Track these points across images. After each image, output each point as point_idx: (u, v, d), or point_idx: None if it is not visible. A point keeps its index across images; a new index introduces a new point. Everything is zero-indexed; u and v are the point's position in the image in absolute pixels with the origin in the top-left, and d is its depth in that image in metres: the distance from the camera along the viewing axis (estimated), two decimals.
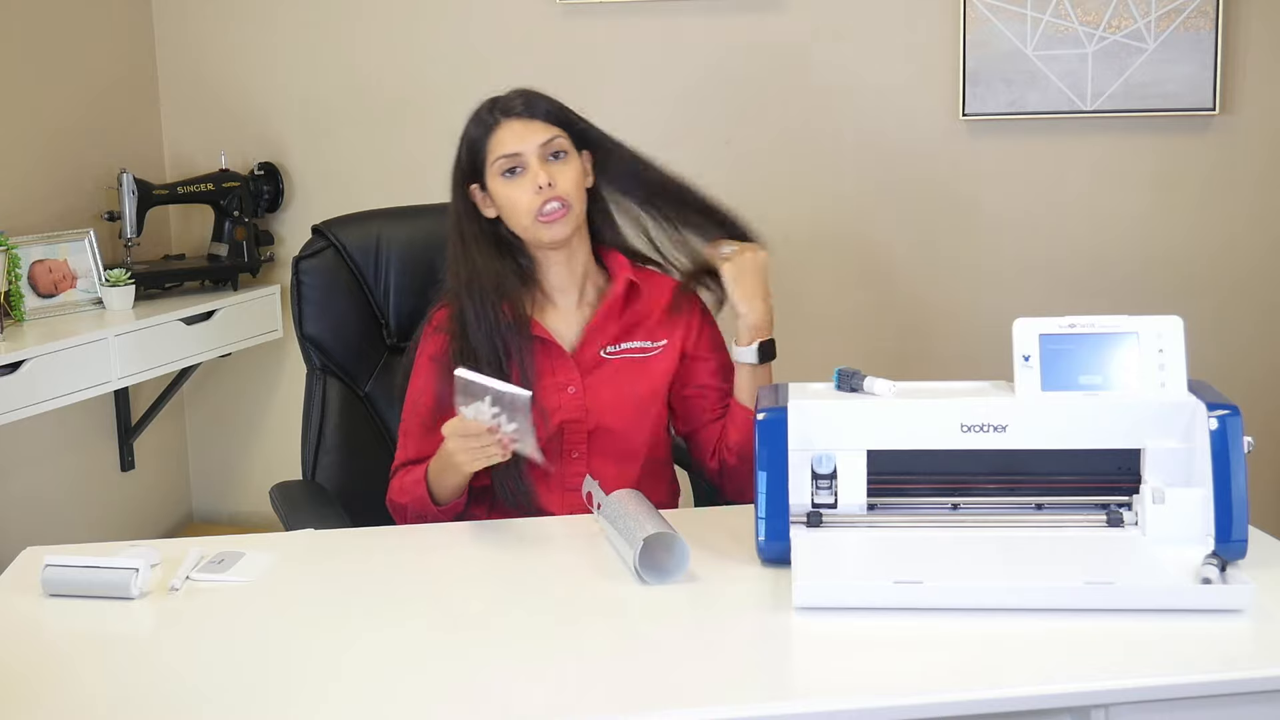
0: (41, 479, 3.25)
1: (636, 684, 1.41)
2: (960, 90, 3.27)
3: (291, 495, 2.20)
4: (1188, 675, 1.40)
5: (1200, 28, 3.16)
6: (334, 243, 2.30)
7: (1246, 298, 3.31)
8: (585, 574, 1.71)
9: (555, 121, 2.05)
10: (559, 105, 2.08)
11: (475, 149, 2.05)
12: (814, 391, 1.76)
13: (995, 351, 1.92)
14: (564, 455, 2.05)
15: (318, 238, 2.32)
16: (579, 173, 2.06)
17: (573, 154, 2.06)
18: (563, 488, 2.04)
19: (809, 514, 1.72)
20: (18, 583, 1.73)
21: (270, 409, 3.72)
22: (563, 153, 2.04)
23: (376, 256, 2.31)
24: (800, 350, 3.44)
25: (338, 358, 2.28)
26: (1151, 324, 1.71)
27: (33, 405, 2.77)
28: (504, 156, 2.01)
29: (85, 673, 1.49)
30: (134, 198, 3.27)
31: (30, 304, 3.08)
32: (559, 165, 2.03)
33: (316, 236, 2.32)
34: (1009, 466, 1.73)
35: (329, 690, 1.42)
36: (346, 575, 1.78)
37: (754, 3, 3.34)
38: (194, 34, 3.59)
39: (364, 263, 2.31)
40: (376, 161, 3.52)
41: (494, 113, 2.05)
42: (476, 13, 3.46)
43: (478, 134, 2.05)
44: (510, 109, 2.04)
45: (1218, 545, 1.62)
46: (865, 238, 3.40)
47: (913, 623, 1.51)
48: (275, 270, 3.61)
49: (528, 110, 2.04)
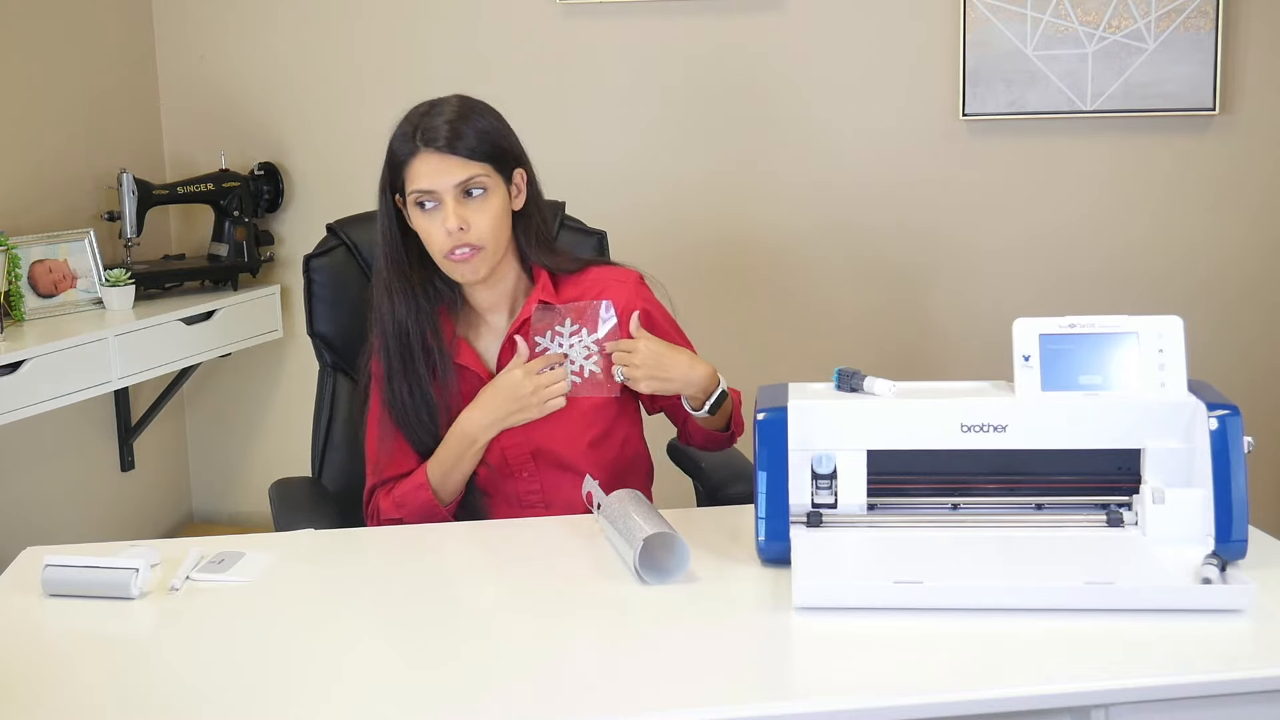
0: (41, 479, 3.25)
1: (636, 684, 1.41)
2: (960, 90, 3.27)
3: (288, 494, 2.20)
4: (1188, 675, 1.40)
5: (1200, 28, 3.16)
6: (345, 241, 2.29)
7: (1247, 297, 3.31)
8: (585, 574, 1.71)
9: (480, 155, 1.93)
10: (489, 131, 1.96)
11: (394, 167, 1.97)
12: (814, 391, 1.76)
13: (995, 351, 1.93)
14: (513, 475, 2.04)
15: (330, 236, 2.32)
16: (498, 211, 1.95)
17: (494, 189, 1.95)
18: (519, 504, 2.04)
19: (809, 514, 1.71)
20: (18, 583, 1.73)
21: (270, 409, 3.72)
22: (481, 190, 1.93)
23: None
24: (800, 350, 3.46)
25: (348, 356, 2.27)
26: (1151, 324, 1.71)
27: (33, 405, 2.77)
28: (418, 190, 1.94)
29: (85, 673, 1.49)
30: (134, 198, 3.27)
31: (30, 304, 3.08)
32: (475, 203, 1.93)
33: (329, 235, 2.32)
34: (1009, 466, 1.72)
35: (329, 690, 1.42)
36: (346, 575, 1.78)
37: (754, 3, 3.34)
38: (194, 34, 3.59)
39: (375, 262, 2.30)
40: (377, 161, 3.50)
41: (415, 138, 1.93)
42: (477, 13, 3.46)
43: (400, 154, 1.96)
44: (433, 139, 1.92)
45: (1218, 545, 1.62)
46: (865, 238, 3.40)
47: (913, 623, 1.51)
48: (275, 270, 3.61)
49: (449, 145, 1.92)
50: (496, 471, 2.02)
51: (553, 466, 2.03)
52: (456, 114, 1.95)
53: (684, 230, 3.43)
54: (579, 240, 2.33)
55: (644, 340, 1.96)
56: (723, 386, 1.99)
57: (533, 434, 2.01)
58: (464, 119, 1.95)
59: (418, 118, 1.96)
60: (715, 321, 2.04)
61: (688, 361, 1.96)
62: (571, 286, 2.05)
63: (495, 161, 1.96)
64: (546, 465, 2.03)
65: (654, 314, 2.07)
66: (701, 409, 1.99)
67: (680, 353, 1.98)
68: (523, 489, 2.04)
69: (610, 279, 2.07)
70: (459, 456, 1.99)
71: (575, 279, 2.06)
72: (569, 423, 2.01)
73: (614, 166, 3.44)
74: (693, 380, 1.96)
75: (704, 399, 1.98)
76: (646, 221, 3.34)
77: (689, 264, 3.39)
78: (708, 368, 1.97)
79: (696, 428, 2.08)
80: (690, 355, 1.99)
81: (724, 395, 1.99)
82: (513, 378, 1.97)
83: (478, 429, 1.98)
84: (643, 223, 3.30)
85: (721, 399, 1.99)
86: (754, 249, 3.43)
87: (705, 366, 1.97)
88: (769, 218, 3.43)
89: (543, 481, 2.03)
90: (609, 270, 2.09)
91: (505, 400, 1.97)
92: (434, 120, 1.94)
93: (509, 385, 1.97)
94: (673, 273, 2.24)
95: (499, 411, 1.97)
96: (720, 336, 1.99)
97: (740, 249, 3.43)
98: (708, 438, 2.10)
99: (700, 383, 1.96)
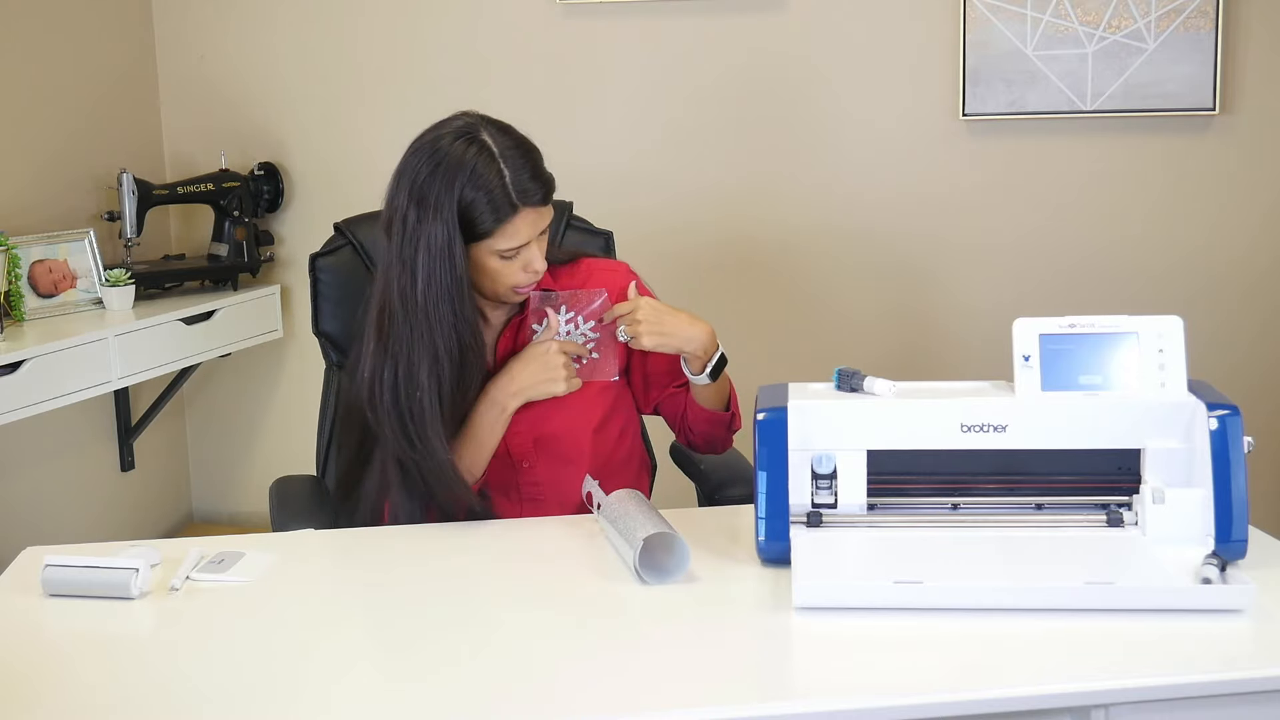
0: (41, 479, 3.25)
1: (636, 684, 1.41)
2: (960, 90, 3.27)
3: (287, 493, 2.20)
4: (1188, 675, 1.40)
5: (1200, 28, 3.16)
6: (352, 241, 2.29)
7: (1247, 297, 3.31)
8: (585, 574, 1.71)
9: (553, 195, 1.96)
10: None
11: (477, 217, 1.88)
12: (814, 391, 1.76)
13: (995, 351, 1.93)
14: (516, 466, 2.04)
15: (337, 235, 2.32)
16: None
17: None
18: (521, 499, 2.04)
19: (809, 514, 1.71)
20: (18, 583, 1.73)
21: (270, 409, 3.72)
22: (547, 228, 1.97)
23: None
24: (800, 350, 3.46)
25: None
26: (1151, 324, 1.71)
27: (33, 405, 2.77)
28: (513, 248, 1.91)
29: (85, 673, 1.49)
30: (134, 198, 3.27)
31: (30, 304, 3.08)
32: (542, 239, 1.96)
33: (336, 234, 2.32)
34: (1009, 466, 1.72)
35: (329, 690, 1.42)
36: (346, 575, 1.78)
37: (754, 3, 3.34)
38: (194, 34, 3.59)
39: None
40: (377, 161, 3.49)
41: (512, 197, 1.87)
42: (477, 13, 3.46)
43: (499, 212, 1.88)
44: (530, 197, 1.89)
45: (1218, 545, 1.62)
46: (864, 238, 3.40)
47: (913, 623, 1.51)
48: (275, 270, 3.61)
49: (544, 198, 1.92)
50: (498, 461, 2.02)
51: (553, 458, 2.03)
52: (535, 161, 1.92)
53: (684, 230, 3.43)
54: (585, 240, 2.34)
55: (645, 299, 1.99)
56: (722, 350, 2.01)
57: (537, 420, 2.02)
58: (539, 162, 1.93)
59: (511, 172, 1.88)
60: (715, 321, 2.03)
61: (688, 319, 1.99)
62: (566, 277, 2.09)
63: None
64: (547, 456, 2.03)
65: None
66: (702, 372, 2.00)
67: (680, 311, 2.00)
68: (523, 481, 2.04)
69: (601, 268, 2.12)
70: (490, 425, 1.99)
71: (568, 269, 2.10)
72: (571, 408, 2.03)
73: (614, 166, 3.44)
74: (693, 336, 1.97)
75: (704, 361, 1.99)
76: (647, 221, 3.34)
77: (689, 263, 3.39)
78: (707, 326, 2.00)
79: (696, 415, 2.08)
80: (690, 314, 2.00)
81: (724, 360, 2.01)
82: (547, 348, 1.99)
83: (506, 396, 1.98)
84: (643, 223, 3.30)
85: (722, 364, 2.01)
86: (754, 249, 3.43)
87: (705, 324, 1.99)
88: (769, 218, 3.43)
89: (542, 475, 2.03)
90: (600, 261, 2.15)
91: (538, 369, 1.98)
92: (529, 185, 1.89)
93: (542, 354, 1.99)
94: (673, 272, 2.25)
95: (530, 379, 1.98)
96: (721, 336, 1.99)
97: (740, 249, 3.43)
98: (709, 420, 2.08)
99: (701, 339, 1.98)
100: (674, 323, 1.97)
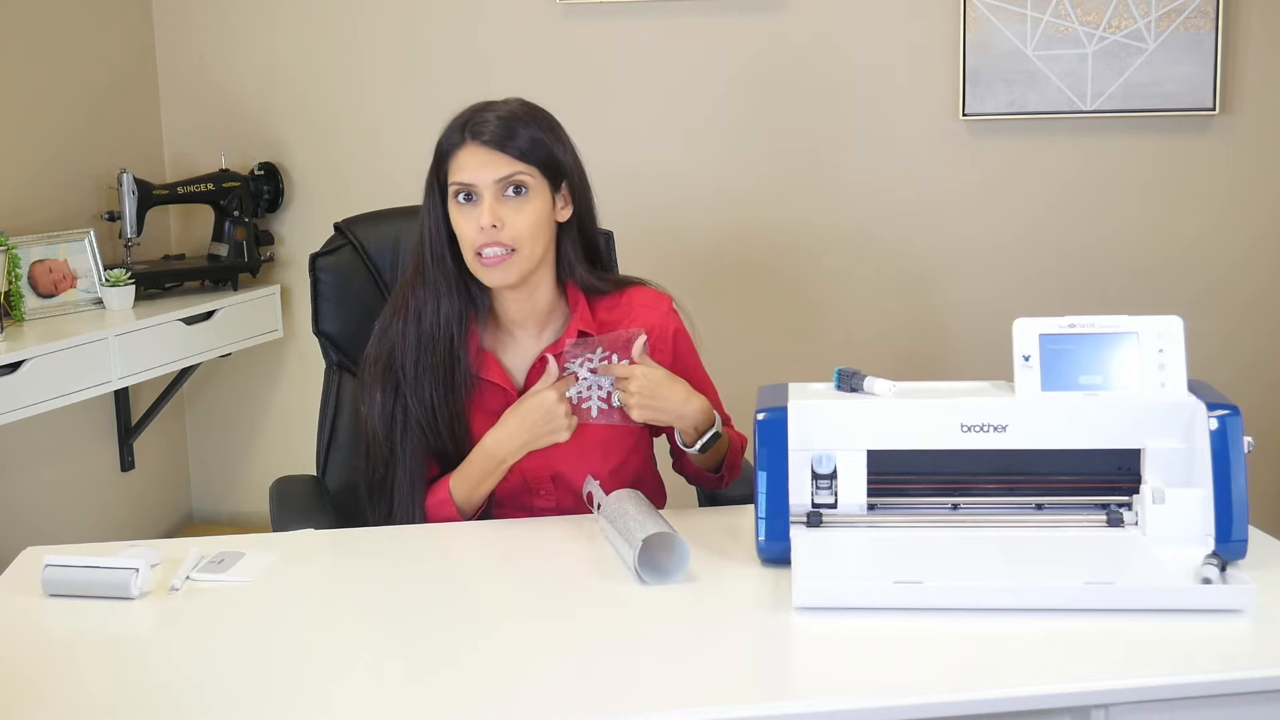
0: (41, 479, 3.25)
1: (636, 684, 1.41)
2: (960, 90, 3.27)
3: (287, 493, 2.20)
4: (1188, 675, 1.40)
5: (1200, 28, 3.16)
6: (352, 241, 2.29)
7: (1247, 297, 3.31)
8: (585, 574, 1.71)
9: (529, 157, 1.89)
10: (541, 137, 1.92)
11: (440, 158, 1.93)
12: (814, 391, 1.76)
13: (995, 351, 1.93)
14: (531, 491, 2.00)
15: (337, 235, 2.32)
16: (537, 215, 1.90)
17: (537, 192, 1.90)
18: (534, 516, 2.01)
19: (809, 514, 1.72)
20: (18, 583, 1.73)
21: (270, 409, 3.72)
22: (523, 188, 1.89)
23: (395, 256, 2.31)
24: (800, 350, 3.46)
25: (353, 355, 2.27)
26: (1151, 324, 1.71)
27: (33, 405, 2.77)
28: (458, 183, 1.89)
29: (85, 673, 1.49)
30: (134, 198, 3.27)
31: (30, 304, 3.08)
32: (516, 203, 1.88)
33: (336, 234, 2.32)
34: (1009, 466, 1.73)
35: (329, 690, 1.42)
36: (346, 575, 1.78)
37: (755, 3, 3.34)
38: (194, 34, 3.59)
39: (382, 262, 2.30)
40: (377, 161, 3.52)
41: (464, 130, 1.89)
42: (477, 13, 3.46)
43: (445, 147, 1.92)
44: (480, 132, 1.88)
45: (1218, 545, 1.62)
46: (865, 237, 3.40)
47: (913, 623, 1.51)
48: (275, 270, 3.61)
49: (498, 140, 1.88)
50: (513, 485, 1.99)
51: (571, 491, 1.99)
52: (510, 113, 1.92)
53: (684, 230, 3.43)
54: None
55: (642, 367, 1.90)
56: (716, 427, 1.94)
57: (553, 459, 1.96)
58: (518, 119, 1.91)
59: (471, 112, 1.92)
60: (716, 321, 2.03)
61: (683, 395, 1.90)
62: (606, 309, 2.02)
63: (543, 167, 1.91)
64: (565, 489, 2.00)
65: (680, 342, 2.05)
66: (693, 446, 1.95)
67: (678, 385, 1.91)
68: (539, 504, 2.01)
69: (643, 304, 2.03)
70: (485, 474, 1.94)
71: (610, 300, 2.02)
72: (591, 451, 1.97)
73: (614, 166, 3.42)
74: (685, 414, 1.91)
75: (696, 436, 1.94)
76: (647, 221, 3.34)
77: (689, 263, 3.39)
78: (703, 403, 1.92)
79: (688, 461, 2.04)
80: (687, 388, 1.91)
81: (717, 436, 1.94)
82: (546, 399, 1.90)
83: (506, 451, 1.93)
84: (644, 223, 3.30)
85: (714, 440, 1.94)
86: (753, 248, 3.43)
87: (700, 401, 1.92)
88: (768, 217, 3.43)
89: (560, 500, 2.00)
90: (643, 293, 2.05)
91: (537, 421, 1.91)
92: (486, 115, 1.91)
93: (541, 406, 1.90)
94: (673, 272, 2.25)
95: (530, 433, 1.91)
96: (721, 336, 1.99)
97: (740, 248, 3.43)
98: (697, 474, 2.07)
99: (693, 418, 1.91)
100: (668, 397, 1.89)
